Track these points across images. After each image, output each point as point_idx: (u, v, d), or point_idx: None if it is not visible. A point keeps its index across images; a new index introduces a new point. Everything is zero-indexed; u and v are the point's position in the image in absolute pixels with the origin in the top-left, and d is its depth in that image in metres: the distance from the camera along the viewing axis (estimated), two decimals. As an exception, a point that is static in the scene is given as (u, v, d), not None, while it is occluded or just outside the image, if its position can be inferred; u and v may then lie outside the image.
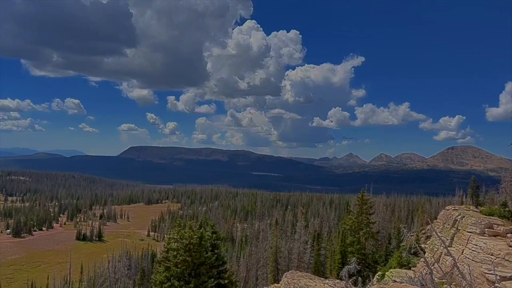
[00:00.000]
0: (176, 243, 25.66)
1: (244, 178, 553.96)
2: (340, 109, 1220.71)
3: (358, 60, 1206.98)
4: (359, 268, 33.27)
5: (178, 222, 28.39)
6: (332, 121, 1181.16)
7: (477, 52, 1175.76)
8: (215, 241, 30.02)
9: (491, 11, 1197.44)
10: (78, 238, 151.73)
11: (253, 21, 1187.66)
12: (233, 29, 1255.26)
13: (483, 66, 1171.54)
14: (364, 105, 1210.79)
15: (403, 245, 41.00)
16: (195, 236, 25.79)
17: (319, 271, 54.69)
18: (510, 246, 19.96)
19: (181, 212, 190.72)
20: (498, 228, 24.00)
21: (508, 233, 22.69)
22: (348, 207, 68.08)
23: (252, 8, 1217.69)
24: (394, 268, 31.21)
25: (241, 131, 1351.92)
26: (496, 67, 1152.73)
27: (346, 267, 16.03)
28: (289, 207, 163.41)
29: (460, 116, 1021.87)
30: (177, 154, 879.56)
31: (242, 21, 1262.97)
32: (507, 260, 18.79)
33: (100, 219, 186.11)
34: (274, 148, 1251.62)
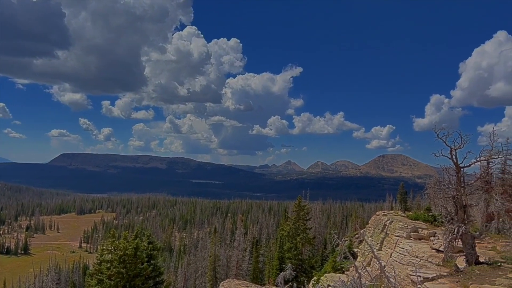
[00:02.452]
0: (109, 255, 24.63)
1: (183, 186, 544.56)
2: (279, 117, 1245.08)
3: (297, 71, 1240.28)
4: (294, 274, 33.93)
5: (112, 232, 27.30)
6: (271, 129, 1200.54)
7: (406, 67, 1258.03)
8: (152, 252, 29.17)
9: (418, 30, 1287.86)
10: (1, 252, 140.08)
11: (194, 27, 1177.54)
12: (173, 35, 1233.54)
13: (411, 80, 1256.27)
14: (302, 114, 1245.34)
15: (337, 250, 42.43)
16: (130, 247, 24.90)
17: (257, 278, 54.97)
18: (433, 249, 21.43)
19: (116, 222, 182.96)
20: (423, 232, 25.69)
21: (431, 236, 24.35)
22: (286, 214, 69.28)
23: (192, 15, 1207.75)
24: (329, 272, 32.21)
25: (180, 138, 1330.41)
26: (422, 81, 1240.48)
27: (281, 273, 16.29)
28: (229, 214, 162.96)
29: (390, 126, 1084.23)
30: (112, 162, 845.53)
31: (182, 26, 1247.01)
32: (430, 261, 20.13)
33: (26, 230, 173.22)
34: (214, 156, 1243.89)
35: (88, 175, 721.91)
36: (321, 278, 29.83)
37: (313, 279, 33.43)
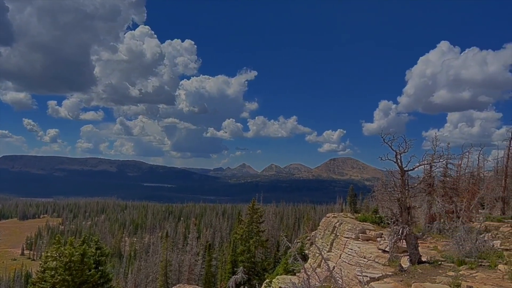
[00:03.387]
0: (54, 262, 23.62)
1: (134, 189, 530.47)
2: (234, 120, 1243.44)
3: (252, 74, 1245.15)
4: (247, 277, 34.01)
5: (57, 238, 26.25)
6: (226, 132, 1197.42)
7: (356, 73, 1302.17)
8: (100, 258, 28.28)
9: (368, 37, 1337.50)
10: None
11: (147, 27, 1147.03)
12: (125, 34, 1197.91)
13: (361, 86, 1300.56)
14: (256, 117, 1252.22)
15: (289, 252, 42.94)
16: (77, 253, 24.01)
17: (210, 282, 54.53)
18: (380, 249, 22.26)
19: (62, 227, 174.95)
20: (370, 233, 26.63)
21: (378, 237, 25.28)
22: (240, 217, 69.28)
23: (145, 14, 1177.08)
24: (281, 274, 32.53)
25: (131, 140, 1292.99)
26: (371, 87, 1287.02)
27: (233, 277, 16.26)
28: (182, 218, 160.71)
29: (341, 130, 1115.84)
30: (59, 164, 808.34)
31: (134, 26, 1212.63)
32: (377, 262, 20.89)
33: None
34: (167, 158, 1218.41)
35: (32, 178, 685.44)
36: (273, 280, 30.09)
37: (265, 282, 33.64)
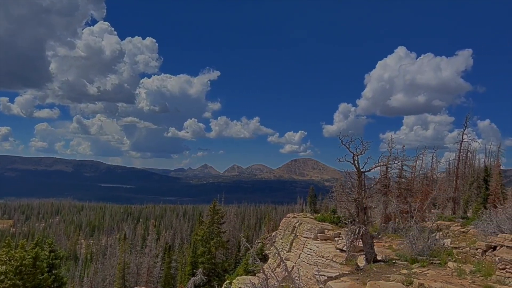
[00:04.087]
0: (3, 266, 22.54)
1: (91, 190, 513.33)
2: (196, 120, 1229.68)
3: (214, 74, 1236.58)
4: (206, 279, 33.81)
5: (7, 241, 25.15)
6: (188, 132, 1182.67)
7: (317, 75, 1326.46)
8: (54, 261, 27.36)
9: (328, 41, 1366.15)
10: None
11: (106, 23, 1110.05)
12: (83, 30, 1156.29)
13: (322, 88, 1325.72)
14: (219, 118, 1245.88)
15: (249, 253, 43.03)
16: (28, 257, 23.03)
17: (169, 284, 53.70)
18: (337, 249, 22.70)
19: (14, 229, 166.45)
20: (328, 233, 27.13)
21: (336, 237, 25.80)
22: (201, 218, 68.67)
23: (105, 10, 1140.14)
24: (241, 275, 32.52)
25: (89, 140, 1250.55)
26: (332, 89, 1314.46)
27: (192, 278, 16.08)
28: (141, 220, 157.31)
29: (302, 131, 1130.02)
30: (10, 164, 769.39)
31: (93, 22, 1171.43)
32: (335, 261, 21.29)
33: None
34: (126, 158, 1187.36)
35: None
36: (233, 281, 30.04)
37: (225, 283, 33.53)
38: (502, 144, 52.19)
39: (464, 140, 34.06)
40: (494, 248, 14.91)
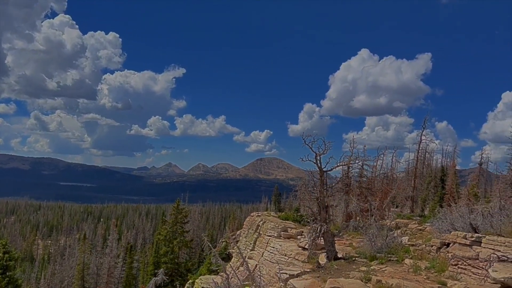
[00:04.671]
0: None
1: (50, 189, 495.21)
2: (160, 118, 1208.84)
3: (180, 72, 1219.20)
4: (169, 279, 33.41)
5: (-44, 243, 23.76)
6: (151, 130, 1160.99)
7: (283, 75, 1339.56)
8: (8, 262, 26.43)
9: (293, 41, 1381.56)
10: None
11: (68, 16, 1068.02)
12: (42, 23, 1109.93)
13: (287, 88, 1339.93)
14: (184, 116, 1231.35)
15: (215, 252, 42.90)
16: (-21, 259, 21.89)
17: (130, 284, 52.68)
18: (300, 247, 22.96)
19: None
20: (291, 231, 27.40)
21: (299, 235, 26.08)
22: (164, 217, 67.82)
23: (66, 3, 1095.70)
24: (204, 275, 32.33)
25: (47, 136, 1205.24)
26: (297, 89, 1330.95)
27: (153, 279, 15.82)
28: (102, 219, 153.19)
29: (268, 130, 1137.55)
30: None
31: (53, 15, 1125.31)
32: (297, 259, 21.53)
33: None
34: (87, 156, 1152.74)
35: None
36: (196, 280, 29.81)
37: (188, 282, 33.24)
38: (458, 145, 54.67)
39: (422, 141, 35.40)
40: (448, 245, 15.53)
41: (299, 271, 16.17)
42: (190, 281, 33.16)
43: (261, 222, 30.74)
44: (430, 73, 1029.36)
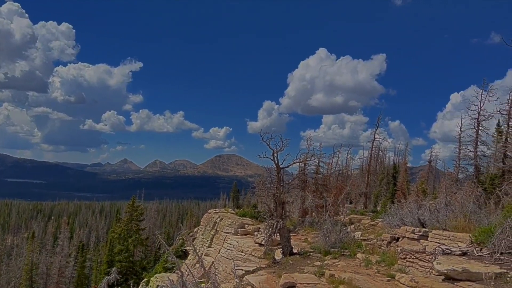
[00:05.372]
0: None
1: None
2: (115, 112, 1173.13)
3: (137, 65, 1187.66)
4: (123, 278, 32.60)
5: None
6: (106, 125, 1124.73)
7: (242, 72, 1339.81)
8: None
9: (254, 38, 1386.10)
10: None
11: (17, 4, 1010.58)
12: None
13: (246, 85, 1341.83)
14: (141, 111, 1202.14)
15: (167, 250, 42.32)
16: None
17: (82, 284, 51.03)
18: (256, 243, 23.15)
19: None
20: (249, 228, 27.55)
21: (255, 231, 26.28)
22: (119, 215, 66.18)
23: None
24: (160, 273, 31.84)
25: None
26: (256, 87, 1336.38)
27: (105, 278, 15.37)
28: (52, 217, 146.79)
29: (227, 127, 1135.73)
30: None
31: (1, 2, 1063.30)
32: (254, 255, 21.68)
33: None
34: (37, 152, 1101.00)
35: None
36: (151, 279, 29.33)
37: (143, 281, 32.64)
38: (410, 143, 56.94)
39: (376, 139, 36.53)
40: (398, 239, 16.20)
41: (255, 267, 16.28)
42: (145, 279, 32.57)
43: (219, 219, 30.68)
44: (385, 74, 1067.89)
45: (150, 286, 27.04)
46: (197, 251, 24.01)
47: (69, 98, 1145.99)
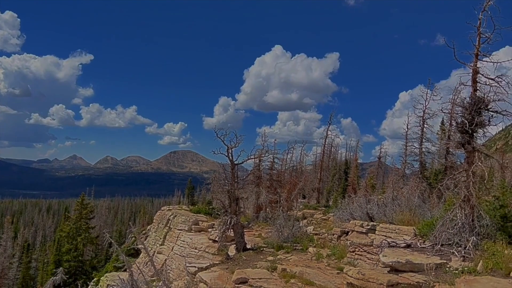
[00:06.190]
0: None
1: None
2: (64, 106, 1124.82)
3: (87, 58, 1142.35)
4: (66, 278, 31.40)
5: None
6: (54, 119, 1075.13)
7: (199, 67, 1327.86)
8: None
9: (211, 33, 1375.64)
10: None
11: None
12: None
13: (203, 80, 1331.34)
14: (91, 105, 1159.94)
15: (118, 249, 41.30)
16: None
17: (28, 285, 48.72)
18: (210, 239, 23.06)
19: None
20: (203, 224, 27.39)
21: (210, 228, 26.17)
22: (67, 213, 63.68)
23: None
24: (110, 272, 30.98)
25: None
26: (213, 82, 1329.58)
27: (51, 278, 14.76)
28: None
29: (182, 123, 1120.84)
30: None
31: None
32: (208, 252, 21.59)
33: None
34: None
35: None
36: (102, 278, 28.47)
37: (93, 281, 31.67)
38: (360, 140, 58.97)
39: (328, 136, 37.52)
40: (347, 233, 16.72)
41: (208, 264, 16.21)
42: (96, 279, 31.62)
43: (172, 216, 30.27)
44: (338, 72, 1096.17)
45: (100, 286, 26.26)
46: (149, 249, 23.64)
47: (14, 90, 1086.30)
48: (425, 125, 25.02)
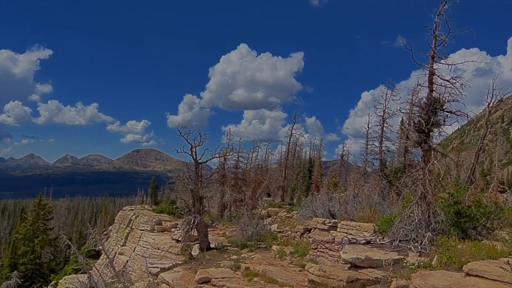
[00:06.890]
0: None
1: None
2: (21, 103, 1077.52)
3: (45, 53, 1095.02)
4: (21, 282, 30.18)
5: None
6: (9, 116, 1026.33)
7: (162, 64, 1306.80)
8: None
9: (175, 30, 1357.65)
10: None
11: None
12: None
13: (167, 78, 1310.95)
14: (50, 102, 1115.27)
15: (76, 251, 40.09)
16: None
17: (-20, 292, 46.32)
18: (174, 239, 22.75)
19: None
20: (166, 224, 27.01)
21: (173, 227, 25.84)
22: (24, 214, 61.15)
23: None
24: (69, 274, 29.99)
25: None
26: (177, 80, 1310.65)
27: (4, 283, 14.11)
28: None
29: (146, 121, 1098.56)
30: None
31: None
32: (171, 252, 21.29)
33: None
34: None
35: None
36: (60, 281, 27.54)
37: (50, 284, 30.55)
38: (324, 139, 59.90)
39: (293, 134, 37.92)
40: (310, 230, 16.96)
41: (171, 264, 16.02)
42: (53, 282, 30.53)
43: (134, 216, 29.68)
44: (302, 72, 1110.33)
45: (58, 289, 25.39)
46: (111, 250, 23.06)
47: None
48: (385, 125, 25.75)
